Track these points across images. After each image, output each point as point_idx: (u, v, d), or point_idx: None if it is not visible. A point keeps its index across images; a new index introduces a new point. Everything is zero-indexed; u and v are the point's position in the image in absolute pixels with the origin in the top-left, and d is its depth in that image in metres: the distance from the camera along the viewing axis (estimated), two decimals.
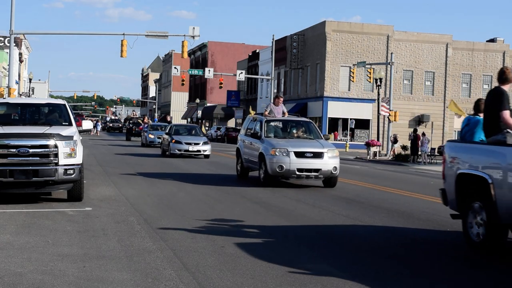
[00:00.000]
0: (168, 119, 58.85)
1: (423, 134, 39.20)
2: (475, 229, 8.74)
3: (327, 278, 7.20)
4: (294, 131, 18.79)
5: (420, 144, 38.22)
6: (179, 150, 30.68)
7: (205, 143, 31.30)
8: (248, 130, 19.67)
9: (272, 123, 18.86)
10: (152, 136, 42.76)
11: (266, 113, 19.31)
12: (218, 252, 8.40)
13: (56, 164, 12.02)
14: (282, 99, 19.89)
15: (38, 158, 11.93)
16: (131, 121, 64.68)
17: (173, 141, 31.08)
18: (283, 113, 19.45)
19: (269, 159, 16.95)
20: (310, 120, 19.91)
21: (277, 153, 16.83)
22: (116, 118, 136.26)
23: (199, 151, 30.88)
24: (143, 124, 54.96)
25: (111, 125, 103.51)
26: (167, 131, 33.90)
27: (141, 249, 8.43)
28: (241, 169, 19.82)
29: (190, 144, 30.87)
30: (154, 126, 46.34)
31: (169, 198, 14.27)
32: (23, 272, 7.08)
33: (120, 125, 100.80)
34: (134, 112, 70.03)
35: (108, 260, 7.75)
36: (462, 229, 9.17)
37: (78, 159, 12.39)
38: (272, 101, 21.11)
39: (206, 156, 31.10)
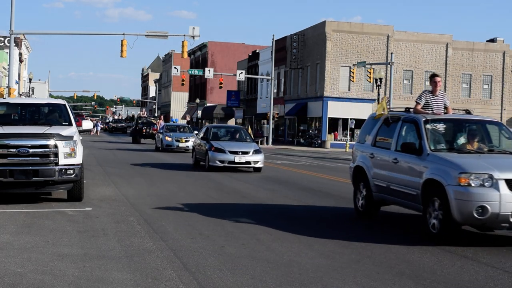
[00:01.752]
0: (161, 119, 50.81)
1: None
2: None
3: (327, 278, 7.21)
4: (472, 139, 10.96)
5: None
6: (222, 161, 22.77)
7: (256, 151, 23.30)
8: (382, 139, 12.03)
9: (438, 125, 11.07)
10: (169, 139, 36.78)
11: (419, 107, 11.52)
12: (218, 252, 8.40)
13: (56, 164, 12.03)
14: (440, 81, 11.82)
15: (38, 158, 11.94)
16: (140, 121, 54.50)
17: (213, 148, 23.15)
18: (446, 107, 11.76)
19: (457, 194, 9.12)
20: (497, 120, 11.88)
21: (472, 183, 9.13)
22: (120, 118, 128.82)
23: (248, 162, 22.96)
24: (157, 125, 46.87)
25: (114, 125, 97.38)
26: (202, 135, 25.65)
27: (141, 249, 8.43)
28: (367, 203, 11.88)
29: (236, 153, 22.88)
30: (171, 127, 40.38)
31: (169, 198, 14.27)
32: (23, 272, 7.08)
33: (124, 126, 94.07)
34: (143, 111, 58.94)
35: (108, 260, 7.75)
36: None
37: (78, 159, 12.39)
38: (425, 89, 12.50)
39: (257, 169, 23.39)
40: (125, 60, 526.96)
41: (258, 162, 22.99)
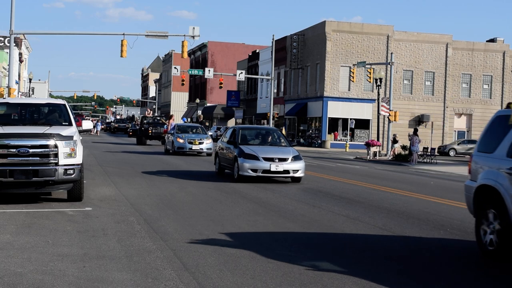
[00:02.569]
0: (172, 119, 42.74)
1: (415, 132, 38.06)
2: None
3: (327, 278, 7.20)
4: None
5: (410, 143, 37.67)
6: (254, 170, 18.63)
7: (295, 158, 19.09)
8: None
9: None
10: (181, 141, 33.33)
11: None
12: (218, 252, 8.40)
13: (56, 164, 12.02)
14: None
15: (38, 158, 11.93)
16: (145, 121, 49.81)
17: (243, 155, 18.96)
18: None
19: None
20: None
21: None
22: (123, 117, 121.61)
23: (287, 171, 18.81)
24: (167, 125, 41.89)
25: (117, 125, 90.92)
26: (228, 138, 21.23)
27: (141, 249, 8.43)
28: (502, 239, 8.37)
29: (272, 160, 18.69)
30: (183, 127, 36.51)
31: (169, 198, 14.27)
32: (23, 272, 7.08)
33: (126, 126, 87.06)
34: (149, 110, 51.24)
35: (108, 260, 7.75)
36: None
37: (78, 159, 12.39)
38: None
39: (296, 179, 19.40)
40: (125, 60, 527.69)
41: (298, 171, 18.87)
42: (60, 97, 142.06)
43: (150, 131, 46.53)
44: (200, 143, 33.35)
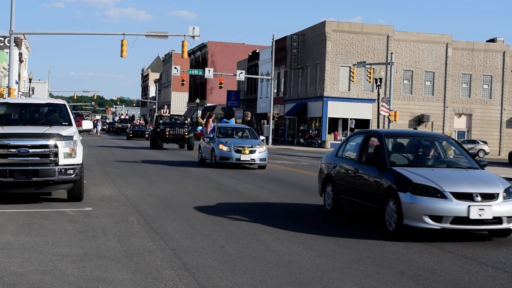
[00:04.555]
0: (212, 119, 29.65)
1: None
2: None
3: (327, 278, 7.21)
4: None
5: None
6: (438, 217, 9.48)
7: (509, 193, 9.88)
8: None
9: None
10: (225, 149, 24.05)
11: None
12: (218, 252, 8.40)
13: (56, 164, 12.02)
14: None
15: (38, 158, 11.93)
16: (161, 121, 41.17)
17: (411, 187, 9.78)
18: None
19: None
20: None
21: None
22: (127, 117, 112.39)
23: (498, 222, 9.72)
24: (203, 126, 29.22)
25: (120, 125, 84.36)
26: (355, 151, 12.36)
27: (141, 249, 8.43)
28: None
29: (470, 198, 9.60)
30: (225, 129, 26.52)
31: (169, 198, 14.27)
32: (23, 272, 7.08)
33: (128, 126, 78.88)
34: (165, 108, 41.18)
35: (108, 260, 7.75)
36: None
37: (78, 159, 12.39)
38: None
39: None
40: (125, 60, 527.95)
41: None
42: (60, 97, 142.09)
43: (167, 133, 39.23)
44: (251, 152, 23.94)
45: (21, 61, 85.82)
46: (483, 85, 65.21)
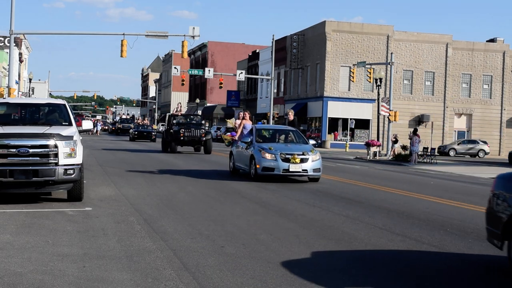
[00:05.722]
0: (248, 116, 23.06)
1: (415, 132, 37.93)
2: None
3: (327, 278, 7.20)
4: None
5: (410, 143, 37.61)
6: None
7: None
8: None
9: None
10: (269, 157, 18.90)
11: None
12: (218, 252, 8.40)
13: (56, 164, 12.02)
14: None
15: (38, 158, 11.93)
16: (174, 121, 37.28)
17: None
18: None
19: None
20: None
21: None
22: (128, 117, 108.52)
23: None
24: (235, 127, 23.11)
25: (121, 126, 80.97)
26: None
27: (141, 249, 8.43)
28: None
29: None
30: (265, 132, 21.50)
31: (169, 198, 14.27)
32: (23, 272, 7.08)
33: (132, 127, 75.54)
34: (179, 106, 33.40)
35: (108, 260, 7.75)
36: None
37: (78, 159, 12.39)
38: None
39: None
40: (125, 60, 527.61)
41: None
42: (60, 97, 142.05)
43: (182, 134, 35.17)
44: (302, 161, 18.80)
45: (21, 61, 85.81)
46: (483, 85, 65.21)
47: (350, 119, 60.88)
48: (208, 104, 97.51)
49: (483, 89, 65.34)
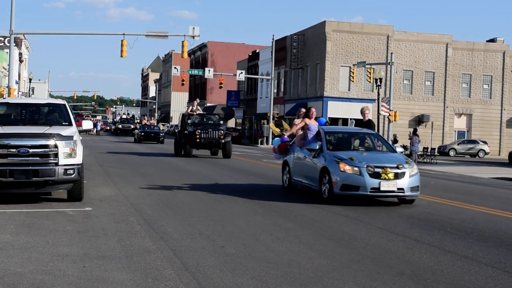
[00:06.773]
0: (313, 115, 17.02)
1: (415, 132, 37.86)
2: None
3: (327, 278, 7.20)
4: None
5: (410, 143, 37.55)
6: None
7: None
8: None
9: None
10: (350, 170, 13.58)
11: None
12: (218, 252, 8.40)
13: (56, 164, 12.02)
14: None
15: (38, 158, 11.93)
16: (189, 121, 32.89)
17: None
18: None
19: None
20: None
21: None
22: (129, 117, 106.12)
23: None
24: (294, 129, 16.93)
25: (120, 126, 78.72)
26: None
27: (141, 249, 8.43)
28: None
29: None
30: (338, 136, 16.25)
31: (169, 198, 14.26)
32: (23, 272, 7.08)
33: (132, 127, 75.43)
34: (195, 104, 34.74)
35: (108, 260, 7.75)
36: None
37: (78, 159, 12.39)
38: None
39: None
40: (125, 60, 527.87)
41: None
42: (60, 97, 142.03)
43: (198, 136, 31.14)
44: (396, 176, 13.63)
45: (21, 61, 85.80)
46: (483, 85, 65.18)
47: (350, 119, 60.79)
48: (208, 104, 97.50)
49: (483, 89, 65.31)
